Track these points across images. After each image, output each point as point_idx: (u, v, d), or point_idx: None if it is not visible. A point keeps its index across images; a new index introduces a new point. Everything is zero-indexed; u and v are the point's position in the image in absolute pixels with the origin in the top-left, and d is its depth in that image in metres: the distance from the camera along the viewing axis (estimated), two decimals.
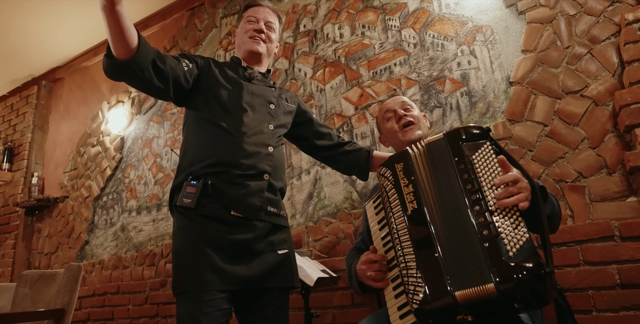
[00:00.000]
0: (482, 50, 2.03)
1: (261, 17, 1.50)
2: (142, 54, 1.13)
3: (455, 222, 1.02)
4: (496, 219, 0.97)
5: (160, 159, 3.15)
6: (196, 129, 1.36)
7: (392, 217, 1.12)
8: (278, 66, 2.73)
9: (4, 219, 4.02)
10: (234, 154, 1.28)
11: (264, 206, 1.30)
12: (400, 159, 1.18)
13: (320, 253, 2.24)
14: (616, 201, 1.62)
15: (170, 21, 3.47)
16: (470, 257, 0.96)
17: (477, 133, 1.11)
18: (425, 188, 1.10)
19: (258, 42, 1.48)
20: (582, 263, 1.62)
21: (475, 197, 1.01)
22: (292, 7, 2.79)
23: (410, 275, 1.02)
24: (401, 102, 1.49)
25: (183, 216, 1.26)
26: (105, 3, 1.01)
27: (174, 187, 1.32)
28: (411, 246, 1.05)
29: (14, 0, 3.14)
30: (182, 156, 1.36)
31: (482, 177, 1.03)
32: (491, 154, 1.06)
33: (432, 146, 1.15)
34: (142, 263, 3.00)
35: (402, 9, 2.33)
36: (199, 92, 1.37)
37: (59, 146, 4.05)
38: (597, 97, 1.73)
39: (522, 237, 0.92)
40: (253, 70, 1.47)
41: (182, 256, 1.23)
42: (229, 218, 1.24)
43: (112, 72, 1.15)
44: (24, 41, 3.67)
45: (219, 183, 1.26)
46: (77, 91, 4.06)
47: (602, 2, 1.80)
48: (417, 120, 1.44)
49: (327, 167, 2.34)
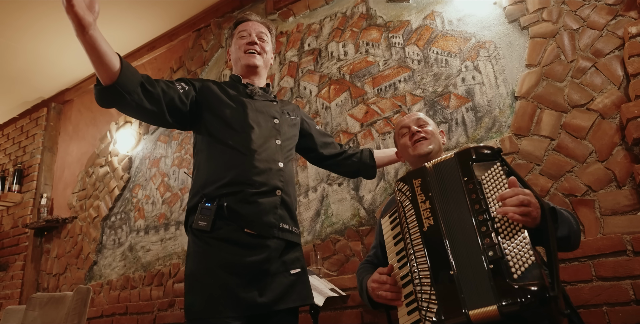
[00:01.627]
0: (486, 65, 2.05)
1: (252, 30, 1.52)
2: (126, 76, 1.13)
3: (464, 242, 1.02)
4: (503, 240, 0.97)
5: (168, 178, 3.17)
6: (206, 150, 1.37)
7: (408, 233, 1.13)
8: (283, 84, 2.76)
9: (13, 240, 4.04)
10: (247, 172, 1.29)
11: (278, 223, 1.30)
12: (419, 175, 1.19)
13: (329, 271, 2.22)
14: (627, 215, 1.60)
15: (177, 42, 3.53)
16: (479, 277, 0.96)
17: (488, 153, 1.11)
18: (443, 203, 1.11)
19: (254, 55, 1.49)
20: (595, 279, 1.59)
21: (482, 217, 1.02)
22: (297, 26, 2.84)
23: (424, 292, 1.02)
24: (416, 119, 1.52)
25: (198, 240, 1.27)
26: (77, 29, 1.01)
27: (189, 209, 1.33)
28: (426, 262, 1.05)
29: (24, 26, 3.23)
30: (195, 178, 1.37)
31: (491, 197, 1.04)
32: (501, 175, 1.06)
33: (442, 165, 1.16)
34: (150, 283, 2.98)
35: (405, 26, 2.36)
36: (203, 113, 1.38)
37: (68, 166, 4.09)
38: (604, 111, 1.73)
39: (528, 260, 0.92)
40: (254, 87, 1.48)
41: (196, 281, 1.23)
42: (244, 239, 1.25)
43: (100, 98, 1.15)
44: (34, 65, 3.75)
45: (234, 203, 1.26)
46: (85, 112, 4.12)
47: (604, 16, 1.82)
48: (431, 135, 1.46)
49: (334, 184, 2.33)
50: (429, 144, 1.44)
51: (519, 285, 0.89)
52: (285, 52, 2.83)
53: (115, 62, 1.10)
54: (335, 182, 2.34)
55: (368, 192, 2.21)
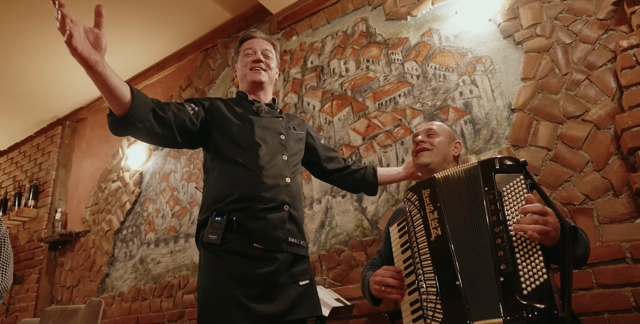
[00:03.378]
0: (482, 79, 2.11)
1: (257, 47, 1.55)
2: (137, 107, 1.15)
3: (476, 253, 1.02)
4: (517, 255, 0.95)
5: (177, 192, 3.25)
6: (216, 168, 1.40)
7: (416, 242, 1.13)
8: (288, 100, 2.85)
9: (28, 254, 4.13)
10: (255, 188, 1.32)
11: (286, 238, 1.33)
12: (428, 185, 1.19)
13: (334, 281, 2.26)
14: (625, 223, 1.62)
15: (185, 62, 3.65)
16: (487, 289, 0.95)
17: (512, 165, 1.09)
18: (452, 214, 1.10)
19: (259, 72, 1.52)
20: (596, 286, 1.61)
21: (498, 229, 1.00)
22: (300, 45, 2.94)
23: (430, 301, 1.02)
24: (427, 129, 1.55)
25: (209, 252, 1.29)
26: (85, 68, 1.03)
27: (200, 223, 1.35)
28: (432, 272, 1.06)
29: (38, 48, 3.38)
30: (206, 195, 1.40)
31: (510, 210, 1.02)
32: (522, 188, 1.03)
33: (466, 173, 1.15)
34: (161, 294, 3.04)
35: (404, 43, 2.44)
36: (211, 132, 1.42)
37: (82, 182, 4.20)
38: (599, 121, 1.77)
39: (541, 277, 0.90)
40: (260, 104, 1.51)
41: (208, 293, 1.25)
42: (253, 252, 1.27)
43: (114, 128, 1.17)
44: (49, 85, 3.90)
45: (243, 219, 1.29)
46: (98, 129, 4.25)
47: (596, 30, 1.87)
48: (434, 147, 1.48)
49: (338, 196, 2.39)
50: (429, 155, 1.46)
51: (528, 302, 0.88)
52: (289, 69, 2.93)
53: (126, 93, 1.12)
54: (339, 194, 2.40)
55: (371, 203, 2.26)
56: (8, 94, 3.96)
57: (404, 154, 2.24)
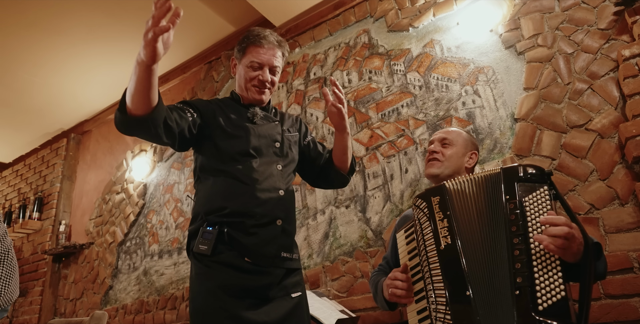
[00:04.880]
0: (485, 89, 2.12)
1: (266, 62, 1.42)
2: (159, 111, 1.15)
3: (491, 263, 0.99)
4: (535, 269, 0.92)
5: (181, 203, 3.25)
6: (208, 177, 1.38)
7: (424, 250, 1.11)
8: (291, 112, 2.86)
9: (32, 266, 4.13)
10: (248, 203, 1.29)
11: (278, 253, 1.30)
12: (437, 192, 1.17)
13: (338, 292, 2.25)
14: (632, 232, 1.61)
15: (189, 74, 3.69)
16: (501, 301, 0.93)
17: (536, 174, 1.05)
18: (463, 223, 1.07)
19: (263, 92, 1.45)
20: (604, 297, 1.59)
21: (517, 240, 0.97)
22: (302, 56, 2.96)
23: (439, 311, 1.01)
24: (442, 137, 1.53)
25: (200, 263, 1.27)
26: (147, 60, 1.02)
27: (191, 233, 1.33)
28: (441, 281, 1.04)
29: (44, 61, 3.42)
30: (197, 204, 1.36)
31: (531, 222, 0.97)
32: (546, 200, 0.99)
33: (487, 179, 1.12)
34: (164, 306, 3.02)
35: (406, 54, 2.46)
36: (205, 139, 1.38)
37: (86, 194, 4.21)
38: (602, 130, 1.77)
39: (558, 294, 0.88)
40: (255, 109, 1.45)
41: (199, 303, 1.24)
42: (244, 265, 1.26)
43: (127, 127, 1.15)
44: (55, 98, 3.94)
45: (234, 232, 1.27)
46: (103, 141, 4.27)
47: (597, 40, 1.88)
48: (445, 158, 1.47)
49: (342, 206, 2.39)
50: (439, 166, 1.46)
51: (543, 318, 0.85)
52: (292, 81, 2.95)
53: (156, 96, 1.12)
54: (343, 205, 2.39)
55: (375, 214, 2.26)
56: (14, 107, 4.00)
57: (408, 164, 2.24)
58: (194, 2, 2.99)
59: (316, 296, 1.99)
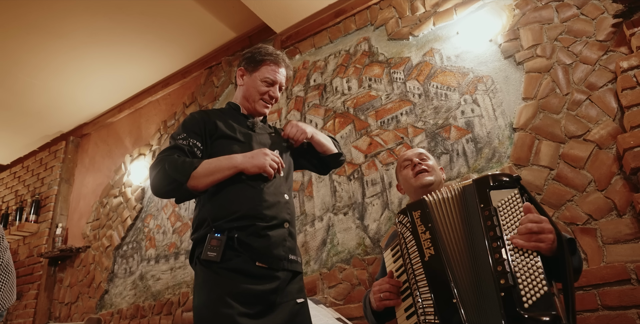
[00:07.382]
0: (484, 99, 2.13)
1: (277, 80, 1.56)
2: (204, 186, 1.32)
3: (475, 269, 1.02)
4: (516, 269, 0.95)
5: (179, 208, 3.24)
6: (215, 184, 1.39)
7: (410, 264, 1.14)
8: (290, 118, 2.87)
9: (28, 269, 4.11)
10: (258, 206, 1.32)
11: (287, 255, 1.34)
12: (418, 206, 1.20)
13: (335, 299, 2.24)
14: (629, 243, 1.61)
15: (190, 79, 3.70)
16: (489, 305, 0.96)
17: (506, 180, 1.11)
18: (445, 234, 1.11)
19: (267, 107, 1.57)
20: (601, 308, 1.59)
21: (496, 244, 1.01)
22: (303, 63, 2.98)
23: (429, 321, 1.02)
24: (418, 153, 1.58)
25: (208, 269, 1.26)
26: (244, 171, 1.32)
27: (197, 240, 1.33)
28: (429, 292, 1.06)
29: (44, 64, 3.43)
30: (202, 211, 1.37)
31: (506, 224, 1.03)
32: (518, 202, 1.05)
33: (461, 191, 1.17)
34: (160, 311, 3.00)
35: (405, 62, 2.47)
36: (211, 150, 1.43)
37: (83, 197, 4.20)
38: (600, 141, 1.78)
39: (541, 290, 0.91)
40: (254, 119, 1.55)
41: (208, 311, 1.22)
42: (254, 270, 1.26)
43: (179, 195, 1.35)
44: (55, 101, 3.95)
45: (245, 237, 1.28)
46: (102, 145, 4.27)
47: (596, 51, 1.90)
48: (432, 169, 1.51)
49: (340, 213, 2.38)
50: (430, 175, 1.49)
51: (530, 315, 0.87)
52: (292, 87, 2.96)
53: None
54: (341, 212, 2.39)
55: (373, 221, 2.26)
56: (13, 109, 4.00)
57: None
58: (195, 7, 3.01)
59: (313, 304, 1.97)
